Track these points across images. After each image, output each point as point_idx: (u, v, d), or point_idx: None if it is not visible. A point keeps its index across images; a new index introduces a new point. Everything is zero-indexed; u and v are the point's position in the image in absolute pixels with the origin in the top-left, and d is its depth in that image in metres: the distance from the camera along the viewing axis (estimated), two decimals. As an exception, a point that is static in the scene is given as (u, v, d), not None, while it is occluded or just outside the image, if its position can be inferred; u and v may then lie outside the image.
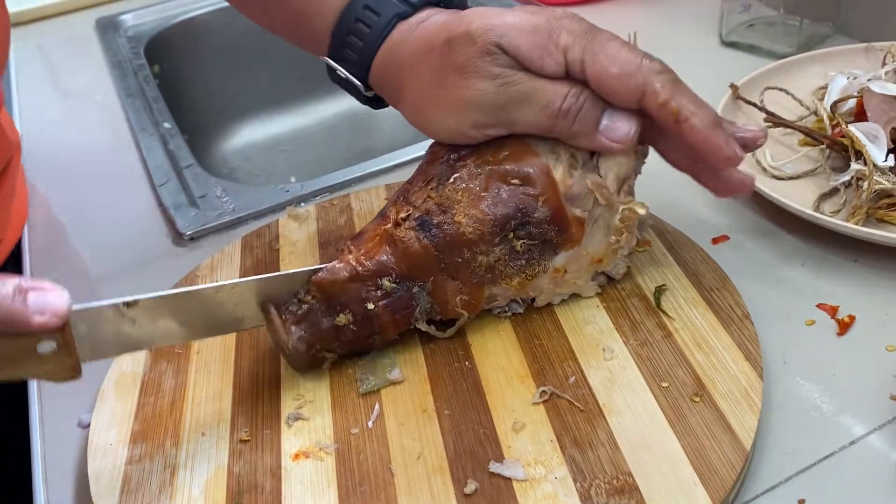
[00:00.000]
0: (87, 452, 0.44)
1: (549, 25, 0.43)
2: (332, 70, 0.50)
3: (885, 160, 0.53)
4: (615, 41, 0.43)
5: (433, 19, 0.47)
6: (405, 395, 0.45)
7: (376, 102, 0.51)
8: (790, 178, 0.59)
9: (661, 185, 0.62)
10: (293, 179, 0.70)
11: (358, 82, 0.49)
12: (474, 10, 0.45)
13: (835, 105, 0.59)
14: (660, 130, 0.45)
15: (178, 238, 0.64)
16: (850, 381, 0.44)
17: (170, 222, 0.66)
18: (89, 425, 0.46)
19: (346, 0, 0.48)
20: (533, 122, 0.44)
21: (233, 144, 1.13)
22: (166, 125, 0.83)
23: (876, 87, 0.56)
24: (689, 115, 0.42)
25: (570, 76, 0.43)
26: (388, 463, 0.41)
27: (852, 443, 0.41)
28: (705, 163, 0.44)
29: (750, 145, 0.45)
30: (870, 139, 0.54)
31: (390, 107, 0.51)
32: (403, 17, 0.47)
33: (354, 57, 0.49)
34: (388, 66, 0.48)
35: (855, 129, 0.55)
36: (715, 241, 0.55)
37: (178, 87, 1.06)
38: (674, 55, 0.79)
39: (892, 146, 0.54)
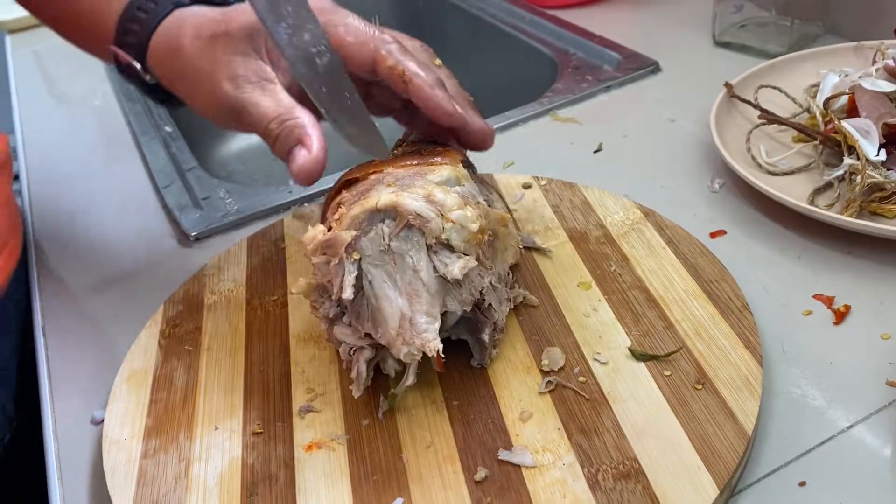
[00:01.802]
0: (102, 447, 0.45)
1: None
2: (119, 62, 0.52)
3: (877, 154, 0.55)
4: (354, 17, 0.48)
5: (210, 11, 0.49)
6: (414, 387, 0.45)
7: (157, 94, 0.53)
8: (785, 174, 0.61)
9: (659, 182, 0.64)
10: (292, 182, 0.70)
11: (137, 64, 0.51)
12: (243, 7, 0.47)
13: (827, 102, 0.61)
14: (397, 100, 0.49)
15: (184, 239, 0.65)
16: (846, 369, 0.46)
17: (175, 224, 0.67)
18: (102, 422, 0.47)
19: None
20: (254, 133, 0.46)
21: (231, 148, 1.13)
22: (167, 129, 0.83)
23: (867, 84, 0.58)
24: (412, 76, 0.46)
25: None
26: (400, 452, 0.42)
27: (850, 427, 0.42)
28: (434, 122, 0.47)
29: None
30: (862, 134, 0.56)
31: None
32: (179, 5, 0.50)
33: (134, 41, 0.50)
34: (162, 50, 0.50)
35: (847, 125, 0.56)
36: (713, 235, 0.57)
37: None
38: (668, 56, 0.82)
39: (884, 141, 0.56)
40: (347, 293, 0.41)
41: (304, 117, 0.45)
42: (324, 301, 0.44)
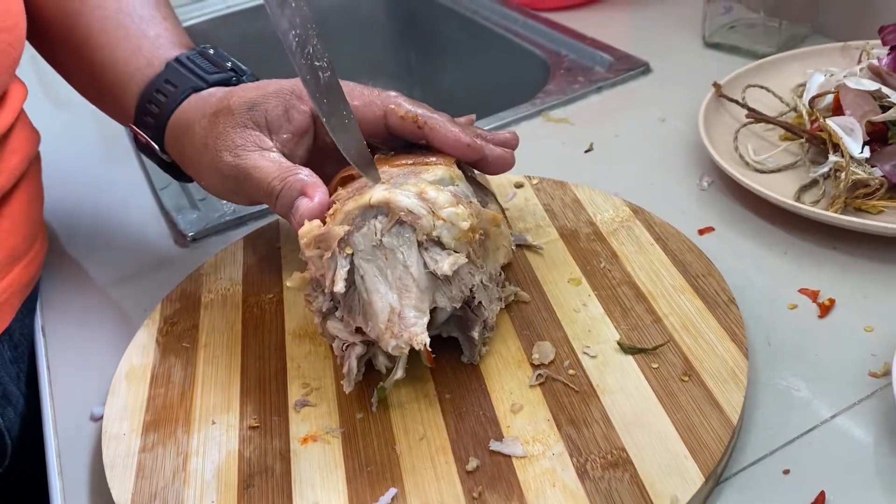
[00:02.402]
0: (101, 442, 0.46)
1: (292, 86, 0.50)
2: (137, 140, 0.56)
3: (861, 152, 0.56)
4: (351, 84, 0.50)
5: (220, 90, 0.52)
6: (407, 381, 0.46)
7: (173, 170, 0.56)
8: (772, 172, 0.62)
9: (649, 180, 0.65)
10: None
11: (155, 145, 0.54)
12: (248, 84, 0.51)
13: (813, 100, 0.62)
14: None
15: (182, 239, 0.66)
16: (830, 360, 0.47)
17: (172, 224, 0.68)
18: (101, 418, 0.48)
19: (151, 77, 0.54)
20: (257, 197, 0.48)
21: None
22: (165, 131, 0.84)
23: (851, 83, 0.59)
24: (426, 119, 0.48)
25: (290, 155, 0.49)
26: (393, 444, 0.43)
27: (833, 417, 0.43)
28: (456, 156, 0.49)
29: (508, 143, 0.52)
30: (846, 132, 0.57)
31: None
32: (197, 90, 0.53)
33: (152, 122, 0.54)
34: (177, 130, 0.52)
35: (832, 123, 0.57)
36: (701, 232, 0.58)
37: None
38: (659, 57, 0.83)
39: (868, 138, 0.57)
40: (339, 286, 0.42)
41: (304, 172, 0.47)
42: (317, 295, 0.45)
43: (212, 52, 0.56)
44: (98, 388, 0.52)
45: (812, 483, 0.40)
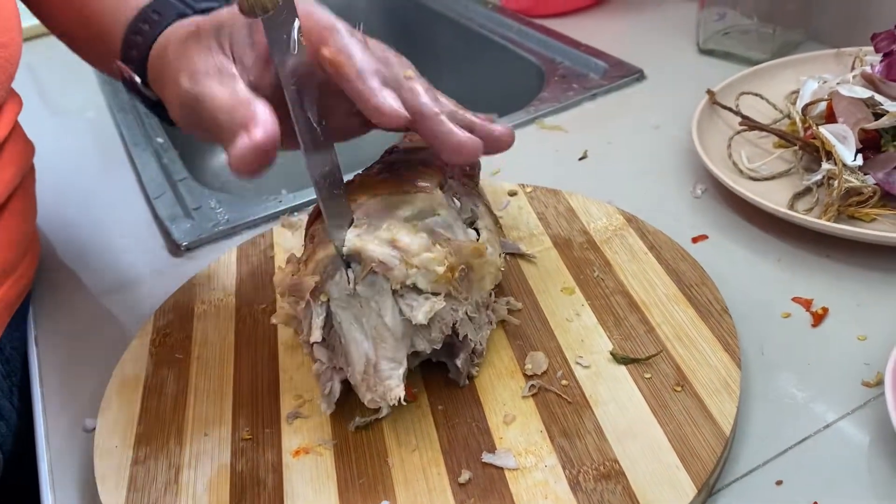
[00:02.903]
0: (94, 454, 0.46)
1: None
2: (124, 79, 0.50)
3: (854, 160, 0.56)
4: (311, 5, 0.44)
5: (199, 18, 0.46)
6: (400, 392, 0.46)
7: (159, 110, 0.50)
8: (766, 179, 0.62)
9: (643, 188, 0.65)
10: (284, 192, 0.71)
11: (138, 78, 0.49)
12: (224, 8, 0.45)
13: (806, 108, 0.62)
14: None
15: (175, 249, 0.66)
16: (823, 370, 0.46)
17: (166, 234, 0.68)
18: (94, 430, 0.48)
19: (139, 7, 0.49)
20: (211, 127, 0.42)
21: (224, 159, 1.14)
22: (159, 140, 0.84)
23: (844, 91, 0.59)
24: (342, 62, 0.41)
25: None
26: (385, 457, 0.43)
27: (826, 427, 0.43)
28: (449, 160, 0.43)
29: (499, 145, 0.45)
30: (839, 140, 0.57)
31: None
32: (184, 15, 0.48)
33: (136, 55, 0.49)
34: (156, 60, 0.47)
35: (825, 131, 0.57)
36: (695, 240, 0.58)
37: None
38: (653, 63, 0.83)
39: (861, 146, 0.57)
40: (316, 336, 0.42)
41: (259, 106, 0.40)
42: (304, 326, 0.44)
43: None
44: (91, 399, 0.51)
45: (805, 493, 0.40)
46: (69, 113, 0.97)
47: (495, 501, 0.40)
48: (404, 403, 0.42)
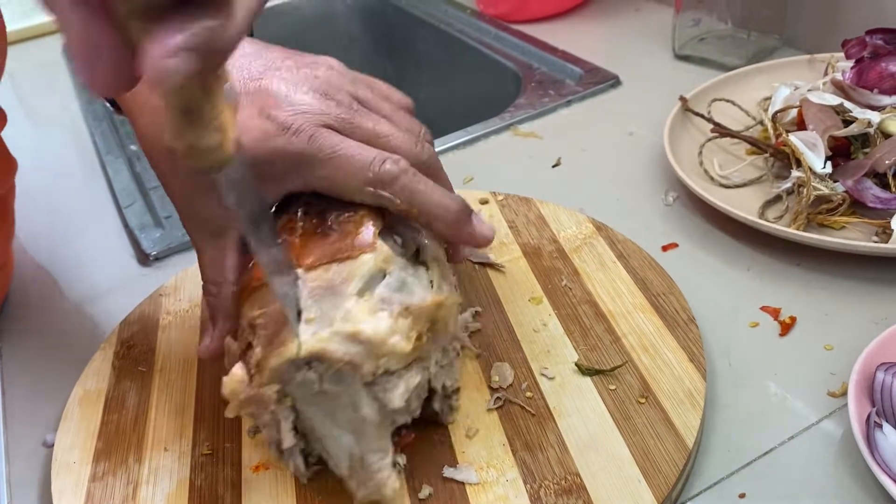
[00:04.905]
0: (51, 470, 0.45)
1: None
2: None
3: (824, 167, 0.56)
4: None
5: None
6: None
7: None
8: (737, 187, 0.61)
9: (615, 195, 0.64)
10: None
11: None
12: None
13: (776, 115, 0.62)
14: None
15: (144, 258, 0.65)
16: (790, 380, 0.46)
17: (135, 243, 0.67)
18: (54, 445, 0.47)
19: None
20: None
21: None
22: (133, 147, 0.84)
23: (814, 98, 0.59)
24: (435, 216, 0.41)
25: None
26: (346, 471, 0.42)
27: (791, 438, 0.43)
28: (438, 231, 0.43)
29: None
30: (809, 147, 0.56)
31: None
32: None
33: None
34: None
35: (794, 138, 0.57)
36: (665, 248, 0.57)
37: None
38: (629, 69, 0.83)
39: (830, 153, 0.57)
40: (288, 441, 0.38)
41: (225, 300, 0.42)
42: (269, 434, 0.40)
43: None
44: (53, 413, 0.51)
45: (768, 507, 0.40)
46: (45, 121, 0.96)
47: (455, 517, 0.39)
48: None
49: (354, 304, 0.37)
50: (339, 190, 0.41)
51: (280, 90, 0.41)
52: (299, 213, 0.42)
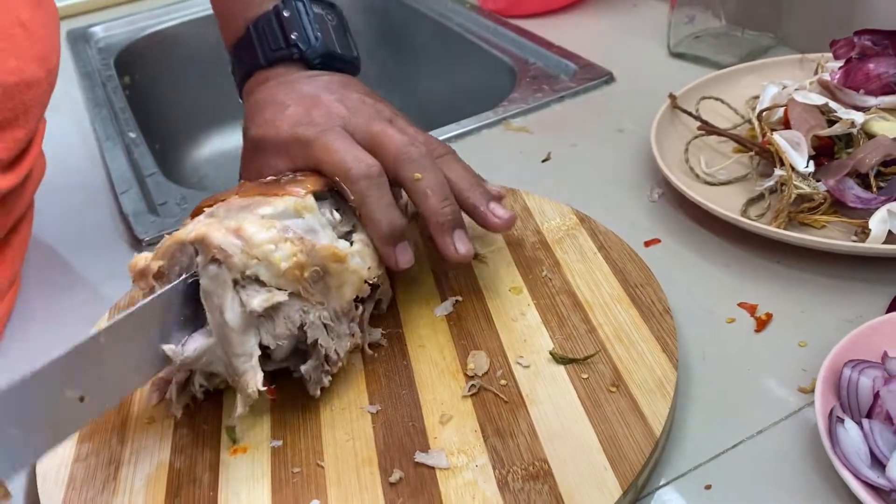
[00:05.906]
0: (36, 449, 0.46)
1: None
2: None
3: (807, 166, 0.56)
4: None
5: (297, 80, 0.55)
6: (339, 392, 0.47)
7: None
8: (722, 184, 0.62)
9: (602, 191, 0.65)
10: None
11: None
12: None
13: (761, 113, 0.62)
14: None
15: (137, 245, 0.66)
16: (762, 375, 0.47)
17: (129, 230, 0.68)
18: (40, 423, 0.48)
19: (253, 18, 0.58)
20: None
21: (204, 153, 1.15)
22: (132, 135, 0.85)
23: (799, 97, 0.59)
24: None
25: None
26: (321, 456, 0.43)
27: (759, 432, 0.43)
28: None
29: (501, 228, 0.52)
30: (792, 146, 0.57)
31: None
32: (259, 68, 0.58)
33: (237, 70, 0.60)
34: (251, 103, 0.56)
35: (778, 137, 0.58)
36: (647, 244, 0.58)
37: (150, 97, 1.08)
38: (624, 66, 0.83)
39: (814, 153, 0.57)
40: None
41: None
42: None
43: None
44: (40, 393, 0.52)
45: (732, 499, 0.40)
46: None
47: (424, 501, 0.40)
48: (269, 399, 0.45)
49: (255, 218, 0.43)
50: (326, 174, 0.49)
51: (321, 100, 0.53)
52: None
